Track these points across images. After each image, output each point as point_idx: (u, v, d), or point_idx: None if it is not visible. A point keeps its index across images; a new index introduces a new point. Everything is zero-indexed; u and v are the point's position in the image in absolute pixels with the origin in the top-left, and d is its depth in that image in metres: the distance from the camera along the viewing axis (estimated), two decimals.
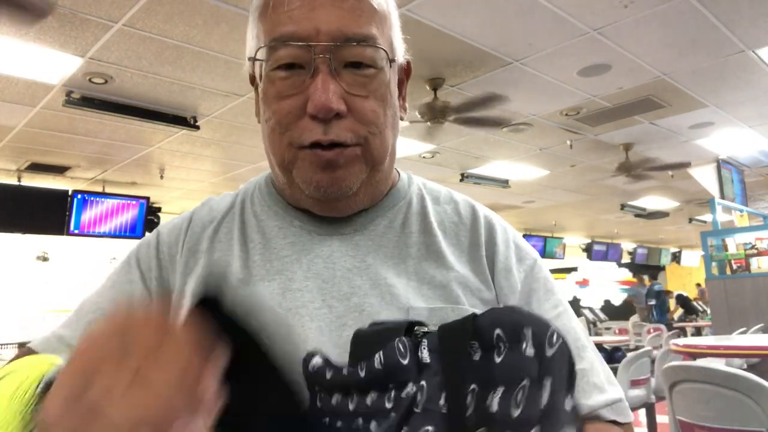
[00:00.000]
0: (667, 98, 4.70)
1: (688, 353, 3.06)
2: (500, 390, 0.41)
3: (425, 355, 0.46)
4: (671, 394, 2.14)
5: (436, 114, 4.34)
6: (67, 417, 0.33)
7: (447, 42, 3.55)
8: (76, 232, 6.25)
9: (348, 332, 0.56)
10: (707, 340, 3.71)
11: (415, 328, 0.49)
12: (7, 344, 7.23)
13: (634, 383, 3.50)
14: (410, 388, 0.45)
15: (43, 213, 6.01)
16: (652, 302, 10.02)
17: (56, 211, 6.09)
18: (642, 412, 3.83)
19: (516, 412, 0.40)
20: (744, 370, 2.19)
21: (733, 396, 1.87)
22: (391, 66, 0.67)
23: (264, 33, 0.65)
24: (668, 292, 11.20)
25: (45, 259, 8.38)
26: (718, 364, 2.44)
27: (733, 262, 6.40)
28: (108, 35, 3.31)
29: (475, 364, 0.43)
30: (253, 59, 0.66)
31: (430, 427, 0.42)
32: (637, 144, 6.04)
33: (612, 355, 5.54)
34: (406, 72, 0.75)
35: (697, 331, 9.21)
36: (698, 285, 12.42)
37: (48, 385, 0.43)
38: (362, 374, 0.47)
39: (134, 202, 6.68)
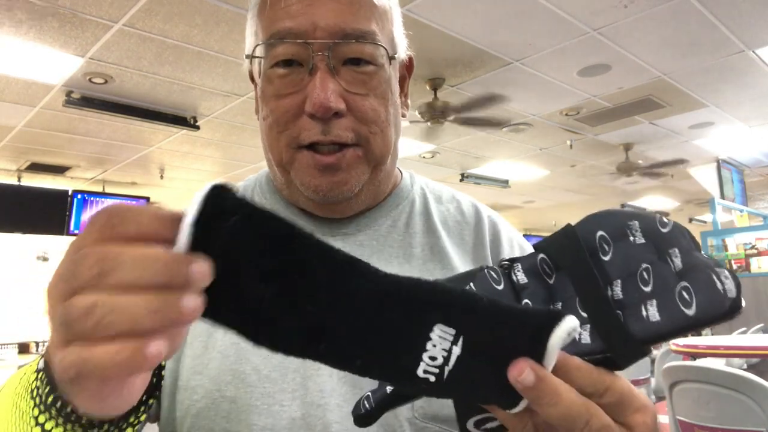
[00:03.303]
0: (667, 98, 4.70)
1: (688, 353, 3.06)
2: (618, 282, 0.37)
3: (520, 277, 0.43)
4: (671, 394, 2.14)
5: (436, 114, 4.34)
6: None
7: (447, 42, 3.55)
8: (77, 232, 6.23)
9: None
10: (707, 340, 3.71)
11: (500, 261, 0.45)
12: (7, 344, 7.22)
13: (634, 383, 3.48)
14: None
15: (43, 213, 6.01)
16: None
17: (56, 211, 6.09)
18: None
19: (648, 288, 0.36)
20: (744, 370, 2.19)
21: (733, 396, 1.87)
22: (391, 63, 0.65)
23: (262, 30, 0.64)
24: None
25: (45, 259, 8.37)
26: (718, 364, 2.44)
27: (733, 262, 6.40)
28: (108, 35, 3.31)
29: None
30: (251, 57, 0.65)
31: None
32: (637, 144, 6.04)
33: None
34: (407, 68, 0.73)
35: (697, 331, 9.22)
36: None
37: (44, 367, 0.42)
38: None
39: (134, 202, 6.67)
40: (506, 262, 0.44)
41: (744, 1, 3.21)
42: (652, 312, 0.35)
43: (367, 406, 0.41)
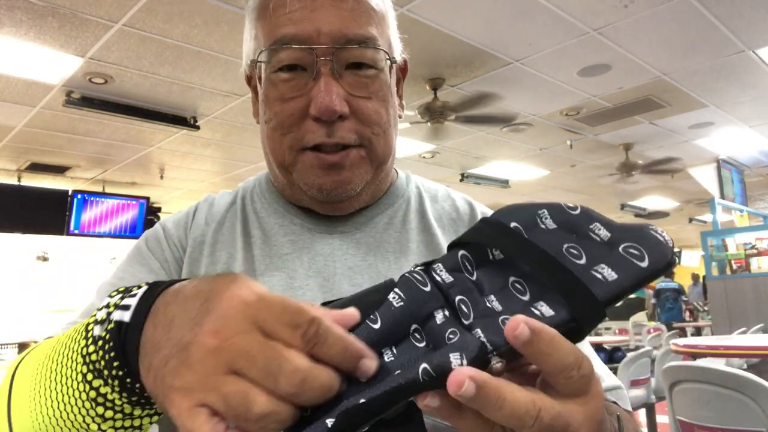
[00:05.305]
0: (667, 98, 4.70)
1: (688, 353, 3.06)
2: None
3: (444, 276, 0.41)
4: (671, 394, 2.14)
5: (436, 114, 4.34)
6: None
7: (447, 42, 3.55)
8: (76, 232, 6.25)
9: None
10: (707, 340, 3.72)
11: (413, 267, 0.43)
12: (7, 344, 7.23)
13: (634, 383, 3.50)
14: (442, 313, 0.39)
15: (43, 213, 6.01)
16: (653, 301, 10.01)
17: (56, 211, 6.09)
18: (642, 412, 3.82)
19: (582, 261, 0.37)
20: (744, 370, 2.19)
21: (733, 396, 1.87)
22: (391, 67, 0.68)
23: (264, 35, 0.65)
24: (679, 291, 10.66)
25: (45, 259, 8.38)
26: (718, 364, 2.44)
27: (733, 262, 6.40)
28: (108, 35, 3.31)
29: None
30: (254, 61, 0.66)
31: (504, 316, 0.37)
32: (637, 144, 6.04)
33: (612, 356, 5.50)
34: (402, 71, 0.75)
35: (697, 331, 9.20)
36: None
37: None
38: (377, 326, 0.38)
39: (134, 202, 6.68)
40: (421, 266, 0.43)
41: (744, 1, 3.21)
42: (607, 272, 0.35)
43: None
